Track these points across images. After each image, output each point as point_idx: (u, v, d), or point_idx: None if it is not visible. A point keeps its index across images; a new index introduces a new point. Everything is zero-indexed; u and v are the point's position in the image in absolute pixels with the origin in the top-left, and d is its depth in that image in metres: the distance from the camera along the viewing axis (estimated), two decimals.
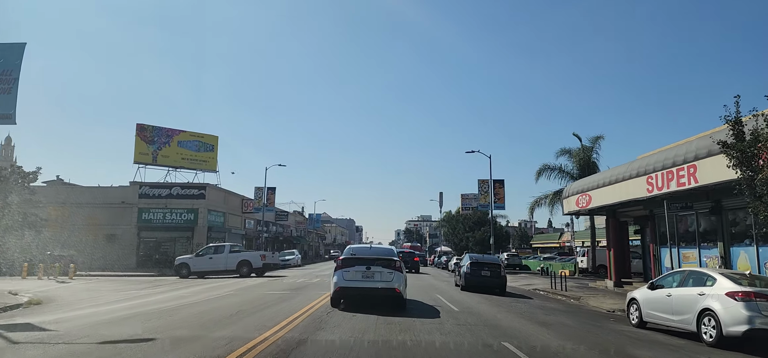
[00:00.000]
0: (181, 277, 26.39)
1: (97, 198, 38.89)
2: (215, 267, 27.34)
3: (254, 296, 15.36)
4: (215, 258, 27.62)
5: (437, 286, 22.46)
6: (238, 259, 27.73)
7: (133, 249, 37.71)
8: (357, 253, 12.77)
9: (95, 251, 34.96)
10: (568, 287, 22.30)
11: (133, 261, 37.04)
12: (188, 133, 44.79)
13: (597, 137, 35.51)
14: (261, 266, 27.56)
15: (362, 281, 11.90)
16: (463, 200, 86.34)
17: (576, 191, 24.97)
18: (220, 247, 29.01)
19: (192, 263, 27.42)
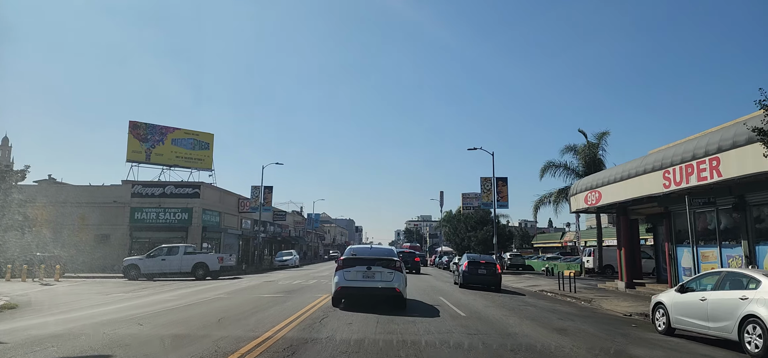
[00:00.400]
0: (129, 278, 25.35)
1: (89, 197, 37.77)
2: (168, 269, 26.36)
3: (242, 300, 14.27)
4: (168, 260, 26.59)
5: (440, 287, 21.35)
6: (193, 261, 26.74)
7: (125, 250, 36.53)
8: (358, 253, 12.81)
9: (86, 252, 33.86)
10: (576, 288, 21.24)
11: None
12: (183, 130, 43.67)
13: (602, 133, 34.48)
14: (218, 269, 26.63)
15: (363, 280, 12.02)
16: (464, 199, 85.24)
17: (585, 187, 23.86)
18: (174, 248, 27.88)
19: (142, 264, 26.39)
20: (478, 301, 15.89)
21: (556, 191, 35.08)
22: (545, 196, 36.02)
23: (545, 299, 19.05)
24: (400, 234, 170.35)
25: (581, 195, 24.26)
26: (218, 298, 14.73)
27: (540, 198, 36.65)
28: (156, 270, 26.22)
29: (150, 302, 13.51)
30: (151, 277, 25.90)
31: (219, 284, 21.25)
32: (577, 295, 19.91)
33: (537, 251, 78.93)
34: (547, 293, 22.00)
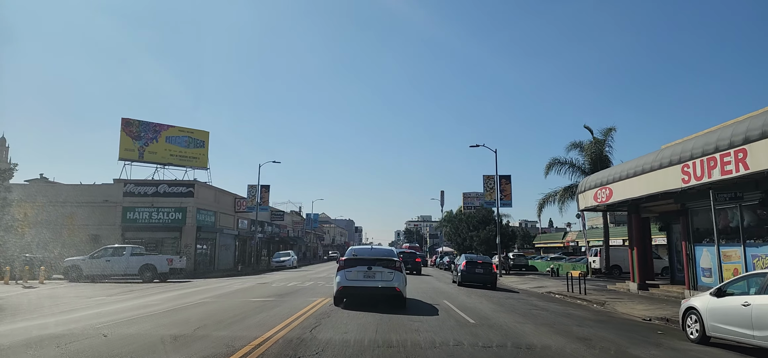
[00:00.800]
0: (70, 281, 24.18)
1: (79, 197, 36.64)
2: (113, 271, 25.18)
3: (230, 304, 13.15)
4: (113, 261, 25.43)
5: (443, 289, 20.25)
6: (140, 263, 25.59)
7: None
8: (359, 254, 13.01)
9: (76, 253, 32.80)
10: (585, 289, 20.18)
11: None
12: (177, 128, 42.55)
13: (609, 129, 33.35)
14: (167, 271, 25.51)
15: (364, 280, 12.29)
16: (465, 198, 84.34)
17: (594, 184, 22.75)
18: (120, 249, 26.64)
19: (85, 265, 25.13)
20: (485, 304, 14.79)
21: (562, 189, 33.98)
22: (550, 194, 34.93)
23: (555, 301, 17.97)
24: (400, 234, 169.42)
25: (590, 192, 23.15)
26: (203, 302, 13.61)
27: (545, 196, 35.58)
28: (98, 272, 24.93)
29: (128, 307, 12.40)
30: (93, 279, 24.64)
31: (208, 287, 20.13)
32: (587, 297, 18.85)
33: (538, 251, 77.83)
34: (555, 295, 20.95)
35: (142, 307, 12.41)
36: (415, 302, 14.52)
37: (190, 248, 36.28)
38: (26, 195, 32.35)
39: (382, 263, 12.50)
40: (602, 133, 33.49)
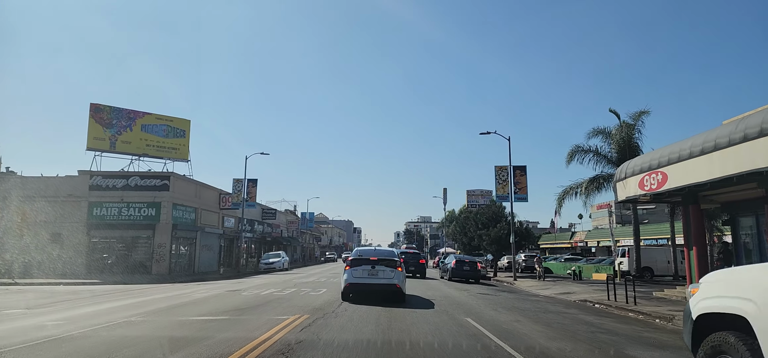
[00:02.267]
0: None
1: (39, 190, 32.45)
2: None
3: (164, 323, 9.05)
4: None
5: (456, 298, 16.15)
6: None
7: (81, 251, 31.30)
8: (363, 254, 14.32)
9: (33, 255, 28.73)
10: (635, 298, 16.19)
11: (82, 265, 30.71)
12: (154, 115, 38.44)
13: (640, 113, 29.20)
14: None
15: (368, 278, 13.56)
16: (469, 196, 79.98)
17: (639, 169, 18.63)
18: None
19: None
20: (527, 326, 10.63)
21: (587, 181, 29.83)
22: (572, 186, 30.79)
23: (605, 315, 13.88)
24: (400, 235, 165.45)
25: (633, 179, 19.03)
26: (111, 325, 9.34)
27: (565, 189, 31.41)
28: None
29: (36, 326, 8.28)
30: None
31: (163, 295, 16.03)
32: (640, 308, 14.82)
33: (543, 251, 73.79)
34: (594, 304, 16.99)
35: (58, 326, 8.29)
36: (426, 320, 10.43)
37: (165, 248, 32.18)
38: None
39: (384, 262, 13.82)
40: (632, 117, 29.37)
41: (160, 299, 14.55)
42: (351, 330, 8.51)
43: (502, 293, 19.45)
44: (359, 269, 13.73)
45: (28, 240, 29.31)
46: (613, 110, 30.56)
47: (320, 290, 17.49)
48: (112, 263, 31.66)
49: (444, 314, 11.69)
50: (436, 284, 23.99)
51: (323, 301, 13.62)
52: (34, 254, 29.03)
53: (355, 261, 13.95)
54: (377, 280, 13.61)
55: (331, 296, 15.33)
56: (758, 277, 3.95)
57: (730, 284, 4.37)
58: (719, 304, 4.30)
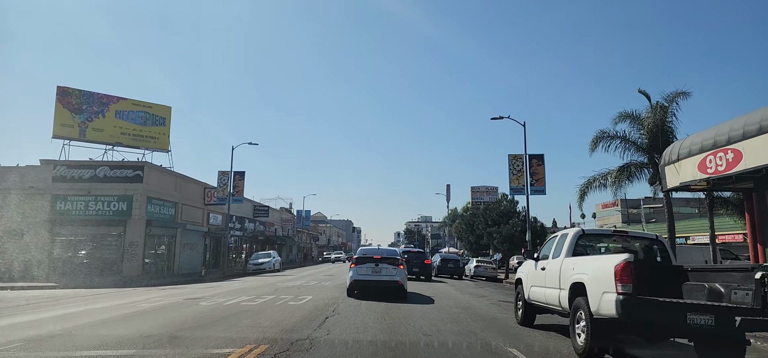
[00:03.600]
0: None
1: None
2: None
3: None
4: None
5: (480, 310, 12.59)
6: None
7: (44, 250, 27.73)
8: (367, 253, 15.29)
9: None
10: None
11: (44, 267, 27.16)
12: (130, 101, 34.88)
13: (676, 94, 25.48)
14: None
15: (372, 275, 14.36)
16: (473, 193, 76.27)
17: (699, 147, 15.04)
18: None
19: None
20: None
21: (616, 169, 26.19)
22: (597, 176, 27.16)
23: None
24: (400, 235, 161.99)
25: (690, 160, 15.45)
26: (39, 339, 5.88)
27: (588, 180, 27.74)
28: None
29: None
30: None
31: (97, 306, 12.51)
32: None
33: None
34: None
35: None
36: None
37: (137, 247, 28.61)
38: None
39: (387, 261, 14.61)
40: (666, 98, 25.75)
41: (93, 311, 11.04)
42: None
43: None
44: (364, 266, 14.50)
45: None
46: (643, 91, 26.89)
47: (303, 298, 13.97)
48: (79, 264, 28.09)
49: (469, 335, 8.17)
50: (444, 289, 20.43)
51: (301, 316, 10.10)
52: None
53: (360, 259, 14.82)
54: (380, 277, 14.29)
55: (315, 306, 11.83)
56: (588, 261, 7.67)
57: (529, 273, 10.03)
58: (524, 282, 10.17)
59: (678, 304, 6.29)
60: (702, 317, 6.01)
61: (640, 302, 6.08)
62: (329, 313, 10.47)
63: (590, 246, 9.38)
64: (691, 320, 6.01)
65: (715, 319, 5.97)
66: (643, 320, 6.22)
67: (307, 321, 9.25)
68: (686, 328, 6.10)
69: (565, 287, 7.81)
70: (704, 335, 6.47)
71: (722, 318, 5.93)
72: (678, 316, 6.07)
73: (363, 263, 14.58)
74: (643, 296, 6.18)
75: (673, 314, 6.12)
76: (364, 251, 15.69)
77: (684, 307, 6.17)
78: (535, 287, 9.53)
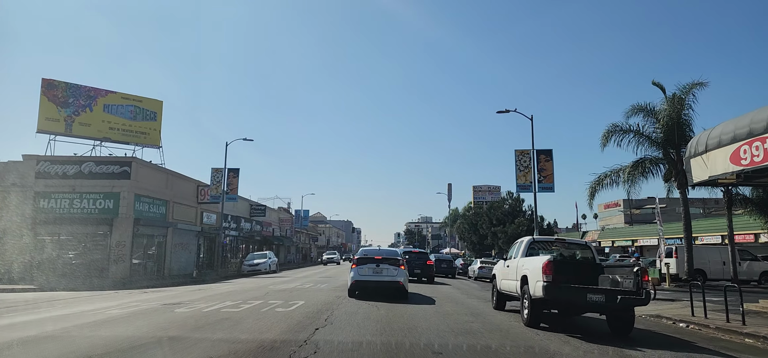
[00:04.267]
0: None
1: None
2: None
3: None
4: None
5: (501, 324, 11.17)
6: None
7: (26, 251, 26.27)
8: (368, 253, 15.41)
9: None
10: (743, 318, 11.32)
11: (26, 268, 25.68)
12: (119, 94, 33.42)
13: (692, 84, 24.21)
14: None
15: (373, 275, 14.42)
16: (475, 192, 75.10)
17: (730, 137, 13.61)
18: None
19: None
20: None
21: (630, 165, 24.84)
22: (609, 172, 25.78)
23: (720, 347, 8.93)
24: (400, 236, 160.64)
25: (721, 151, 14.02)
26: None
27: (599, 177, 26.40)
28: None
29: None
30: None
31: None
32: (753, 330, 10.02)
33: None
34: (672, 321, 12.19)
35: None
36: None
37: (124, 248, 27.18)
38: None
39: (388, 261, 14.67)
40: (682, 90, 24.40)
41: (47, 320, 9.65)
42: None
43: None
44: (365, 267, 14.54)
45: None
46: (657, 83, 25.61)
47: (294, 303, 12.55)
48: (63, 265, 26.65)
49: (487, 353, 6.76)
50: (447, 291, 18.99)
51: (287, 326, 8.69)
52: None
53: (361, 260, 14.85)
54: (381, 277, 14.35)
55: (306, 314, 10.42)
56: (531, 260, 10.17)
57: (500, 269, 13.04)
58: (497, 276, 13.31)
59: (581, 288, 9.19)
60: (597, 296, 9.05)
61: (556, 287, 9.00)
62: (321, 323, 9.06)
63: (540, 249, 11.87)
64: (590, 298, 9.03)
65: (606, 297, 9.03)
66: (559, 299, 9.21)
67: (292, 333, 7.83)
68: (587, 304, 9.16)
69: (518, 278, 10.77)
70: (608, 308, 9.28)
71: (609, 297, 9.02)
72: (581, 296, 9.03)
73: (364, 263, 14.65)
74: (561, 283, 9.10)
75: (578, 295, 9.05)
76: (365, 251, 15.74)
77: (585, 290, 9.11)
78: (503, 280, 12.48)
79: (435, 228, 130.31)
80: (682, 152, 24.79)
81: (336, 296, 14.77)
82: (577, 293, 9.09)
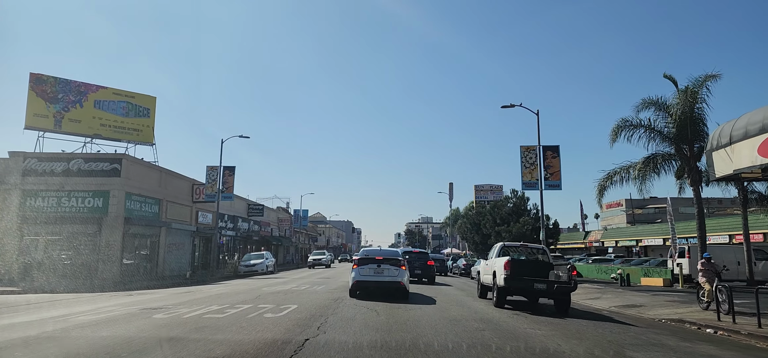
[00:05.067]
0: None
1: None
2: None
3: None
4: None
5: (508, 326, 10.15)
6: None
7: (11, 251, 25.30)
8: (370, 254, 15.43)
9: None
10: (742, 314, 10.36)
11: (11, 269, 24.73)
12: (111, 90, 32.43)
13: (706, 77, 23.10)
14: None
15: (374, 275, 14.57)
16: (477, 191, 74.06)
17: (758, 127, 12.62)
18: None
19: None
20: None
21: (641, 161, 23.75)
22: (618, 169, 24.70)
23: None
24: (401, 236, 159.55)
25: (748, 143, 12.99)
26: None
27: (607, 175, 25.33)
28: None
29: None
30: None
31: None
32: None
33: (553, 252, 67.69)
34: (697, 327, 11.24)
35: None
36: None
37: (114, 248, 26.16)
38: None
39: (389, 262, 14.77)
40: (695, 82, 23.30)
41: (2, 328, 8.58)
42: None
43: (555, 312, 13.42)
44: (366, 267, 14.67)
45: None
46: (669, 76, 24.53)
47: (286, 307, 11.52)
48: (50, 266, 25.63)
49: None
50: (452, 293, 17.93)
51: (273, 336, 7.66)
52: None
53: (362, 260, 14.93)
54: (383, 278, 14.50)
55: (297, 321, 9.40)
56: (499, 259, 14.21)
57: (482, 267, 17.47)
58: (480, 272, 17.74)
59: (529, 279, 13.13)
60: (541, 285, 12.96)
61: (513, 279, 13.04)
62: (312, 332, 8.02)
63: (510, 251, 16.06)
64: (536, 286, 12.97)
65: (547, 286, 12.94)
66: (515, 287, 13.20)
67: (278, 347, 6.79)
68: (534, 290, 13.09)
69: (491, 273, 14.80)
70: (547, 294, 13.18)
71: (549, 285, 12.95)
72: (529, 285, 13.03)
73: (365, 264, 14.74)
74: (516, 276, 13.10)
75: (528, 284, 13.05)
76: (367, 252, 15.83)
77: (532, 280, 13.06)
78: (483, 275, 16.62)
79: (435, 228, 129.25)
80: (695, 148, 23.73)
81: (332, 299, 13.75)
82: (526, 283, 13.15)
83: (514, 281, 13.00)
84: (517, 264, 13.48)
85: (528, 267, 13.81)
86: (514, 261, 13.56)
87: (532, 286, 12.93)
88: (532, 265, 14.21)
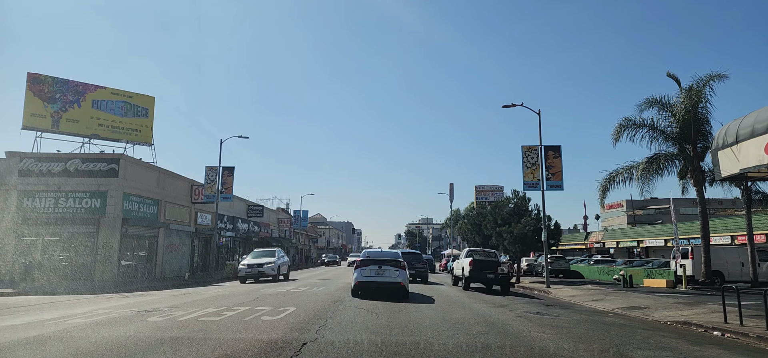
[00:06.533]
0: None
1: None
2: None
3: None
4: None
5: (514, 330, 9.90)
6: None
7: (7, 253, 25.08)
8: (371, 255, 15.97)
9: None
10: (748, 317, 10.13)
11: (7, 271, 24.50)
12: (109, 89, 32.21)
13: (710, 76, 22.93)
14: None
15: (375, 276, 15.05)
16: (477, 192, 73.82)
17: (766, 126, 12.38)
18: None
19: None
20: None
21: (644, 161, 23.55)
22: (621, 169, 24.50)
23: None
24: (401, 237, 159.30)
25: (754, 142, 12.74)
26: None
27: (610, 175, 25.13)
28: None
29: None
30: None
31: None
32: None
33: (553, 253, 67.29)
34: (704, 329, 11.02)
35: None
36: None
37: (112, 249, 25.93)
38: None
39: (390, 263, 15.31)
40: (699, 82, 23.10)
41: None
42: None
43: (561, 313, 13.19)
44: (367, 268, 15.15)
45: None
46: (672, 75, 24.34)
47: (284, 310, 11.29)
48: (47, 267, 25.41)
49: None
50: (446, 291, 17.68)
51: (269, 340, 7.42)
52: None
53: (364, 262, 15.39)
54: (384, 278, 14.92)
55: (294, 324, 9.16)
56: (466, 258, 21.90)
57: (456, 264, 25.18)
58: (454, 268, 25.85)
59: (483, 272, 20.13)
60: (490, 275, 20.10)
61: (474, 271, 20.21)
62: (310, 336, 7.78)
63: (473, 253, 22.50)
64: (488, 276, 20.10)
65: (494, 276, 20.04)
66: (475, 277, 20.19)
67: (273, 351, 6.54)
68: (487, 279, 20.12)
69: (460, 268, 22.11)
70: (495, 282, 20.12)
71: (495, 275, 20.03)
72: (484, 275, 20.11)
73: (367, 265, 15.23)
74: (475, 269, 20.21)
75: (483, 275, 20.13)
76: (368, 253, 16.33)
77: (486, 272, 20.10)
78: (456, 270, 23.75)
79: (436, 229, 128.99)
80: (698, 148, 23.51)
81: (332, 302, 13.50)
82: (482, 274, 19.96)
83: (475, 273, 20.00)
84: (477, 262, 20.36)
85: (484, 264, 20.28)
86: (475, 260, 20.48)
87: (486, 276, 19.86)
88: (486, 263, 20.48)
